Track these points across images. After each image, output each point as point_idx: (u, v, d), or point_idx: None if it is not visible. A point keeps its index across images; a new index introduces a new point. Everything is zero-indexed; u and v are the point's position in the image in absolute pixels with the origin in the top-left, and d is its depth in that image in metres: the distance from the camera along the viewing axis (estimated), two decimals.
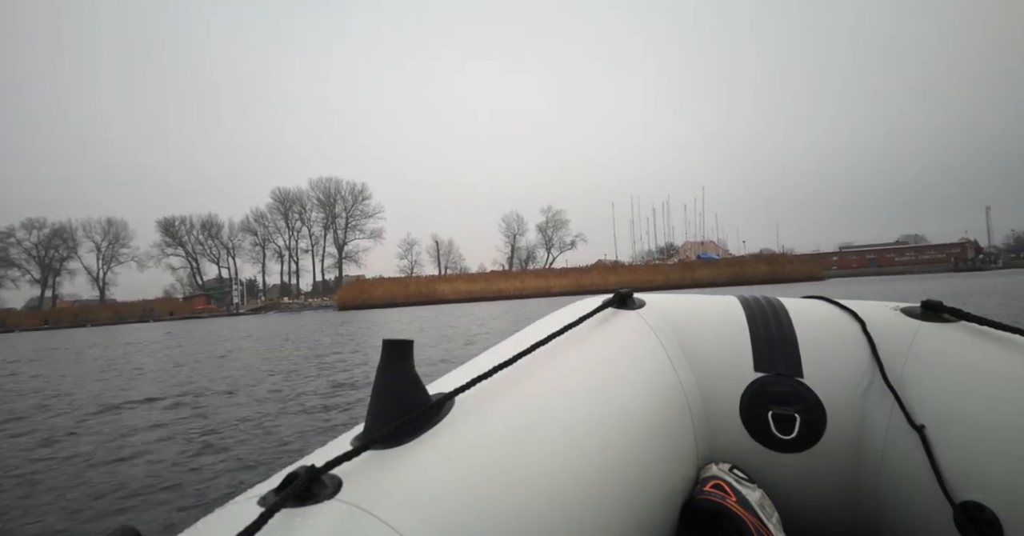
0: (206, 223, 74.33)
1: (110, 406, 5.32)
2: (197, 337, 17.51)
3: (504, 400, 0.69)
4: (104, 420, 4.67)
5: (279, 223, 75.41)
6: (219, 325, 28.70)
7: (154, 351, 12.52)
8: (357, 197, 75.67)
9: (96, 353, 13.10)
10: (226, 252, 75.66)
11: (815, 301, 1.09)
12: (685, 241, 76.25)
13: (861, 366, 0.92)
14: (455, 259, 77.94)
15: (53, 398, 6.15)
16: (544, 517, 0.57)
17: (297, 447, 3.37)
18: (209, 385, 6.22)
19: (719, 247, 73.50)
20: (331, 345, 10.69)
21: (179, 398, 5.51)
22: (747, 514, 0.79)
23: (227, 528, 0.42)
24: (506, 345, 0.90)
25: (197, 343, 14.25)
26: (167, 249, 73.45)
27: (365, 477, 0.51)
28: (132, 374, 8.07)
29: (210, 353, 10.76)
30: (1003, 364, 0.82)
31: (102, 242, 70.40)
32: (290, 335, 14.84)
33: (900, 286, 22.03)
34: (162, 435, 3.92)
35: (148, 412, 4.91)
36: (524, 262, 77.16)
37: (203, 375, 7.25)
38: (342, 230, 75.83)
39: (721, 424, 0.96)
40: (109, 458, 3.39)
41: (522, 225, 78.69)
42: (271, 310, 58.62)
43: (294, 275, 77.73)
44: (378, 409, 0.58)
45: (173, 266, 74.25)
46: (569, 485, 0.62)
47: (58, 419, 4.85)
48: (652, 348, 0.96)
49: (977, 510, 0.73)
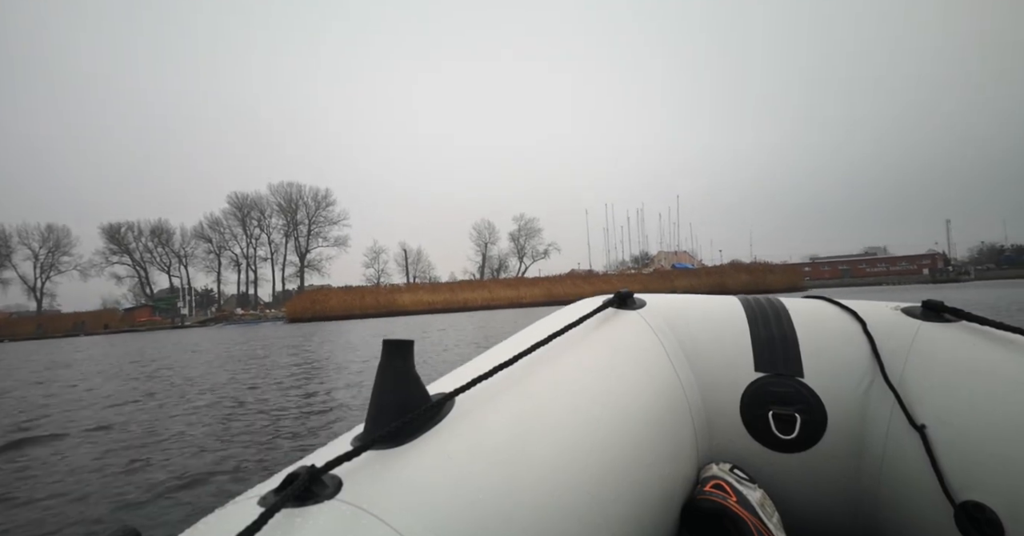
0: (155, 229, 69.10)
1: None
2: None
3: (504, 400, 0.69)
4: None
5: (236, 230, 70.89)
6: (141, 340, 25.14)
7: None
8: (320, 203, 71.70)
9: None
10: (178, 260, 70.77)
11: (816, 301, 1.09)
12: (659, 250, 74.98)
13: (862, 366, 0.93)
14: (424, 268, 74.84)
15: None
16: (545, 517, 0.57)
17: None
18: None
19: (692, 257, 72.34)
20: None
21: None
22: (748, 514, 0.79)
23: (227, 528, 0.42)
24: (506, 345, 0.90)
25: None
26: (111, 257, 68.08)
27: (365, 477, 0.51)
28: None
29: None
30: (1004, 364, 0.82)
31: (40, 249, 64.75)
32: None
33: (898, 297, 19.85)
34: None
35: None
36: (496, 271, 74.46)
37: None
38: (304, 237, 71.70)
39: (721, 424, 0.96)
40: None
41: (494, 233, 76.10)
42: (222, 322, 54.35)
43: (252, 285, 73.38)
44: (378, 409, 0.58)
45: (119, 275, 68.94)
46: (570, 485, 0.62)
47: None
48: (652, 348, 0.97)
49: (978, 510, 0.73)
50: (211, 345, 16.46)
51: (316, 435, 3.64)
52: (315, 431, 3.76)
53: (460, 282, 60.40)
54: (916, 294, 13.88)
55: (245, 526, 0.40)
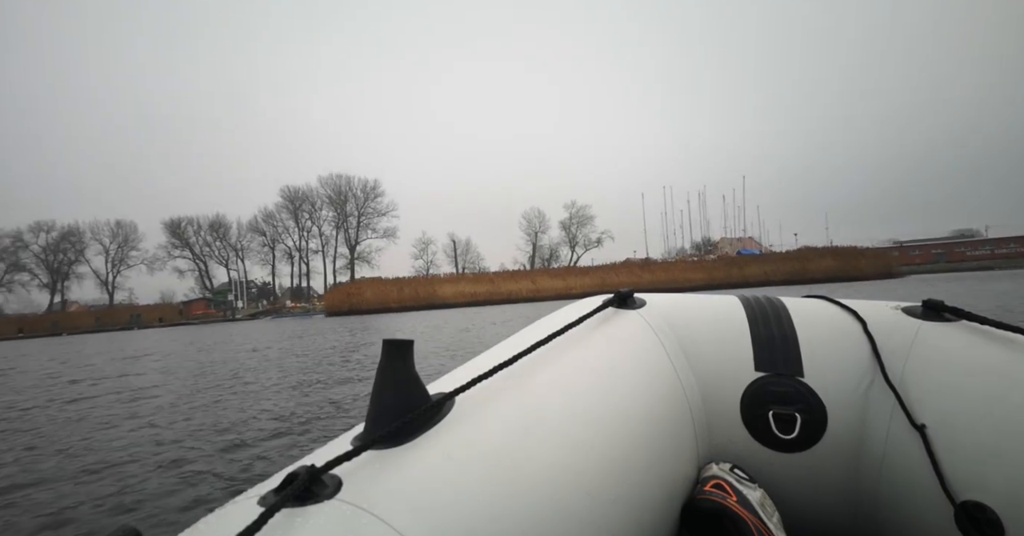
0: (213, 223, 70.65)
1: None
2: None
3: (504, 400, 0.69)
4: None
5: (288, 223, 71.47)
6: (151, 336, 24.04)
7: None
8: (369, 194, 71.05)
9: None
10: (235, 254, 72.17)
11: (816, 300, 1.09)
12: (721, 236, 69.23)
13: (862, 365, 0.93)
14: (473, 259, 72.70)
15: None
16: (545, 517, 0.57)
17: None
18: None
19: (758, 243, 66.21)
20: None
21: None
22: (748, 514, 0.79)
23: (227, 528, 0.41)
24: (506, 345, 0.90)
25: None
26: (173, 251, 70.10)
27: (365, 477, 0.50)
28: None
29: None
30: (1004, 363, 0.82)
31: (111, 245, 67.62)
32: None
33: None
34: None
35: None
36: (546, 261, 71.21)
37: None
38: (354, 229, 71.34)
39: (722, 424, 0.96)
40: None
41: (544, 222, 72.73)
42: (270, 315, 54.35)
43: (305, 277, 73.86)
44: (378, 409, 0.58)
45: (180, 269, 71.05)
46: (569, 485, 0.62)
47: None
48: (653, 348, 0.97)
49: (978, 510, 0.73)
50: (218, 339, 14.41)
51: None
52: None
53: (504, 272, 57.52)
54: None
55: (245, 526, 0.40)
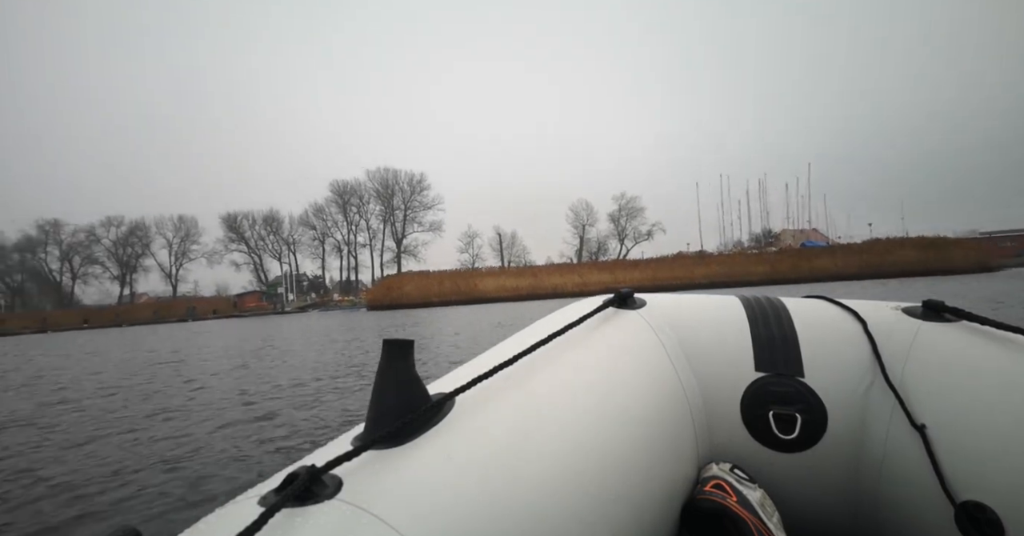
0: (267, 218, 72.37)
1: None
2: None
3: (505, 400, 0.69)
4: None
5: (337, 217, 72.34)
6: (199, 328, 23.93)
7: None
8: (415, 187, 70.75)
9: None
10: (287, 247, 73.90)
11: (816, 301, 1.09)
12: (783, 228, 64.54)
13: (862, 366, 0.93)
14: (519, 252, 71.22)
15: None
16: (545, 517, 0.57)
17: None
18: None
19: (823, 235, 61.17)
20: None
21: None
22: (748, 514, 0.79)
23: (227, 528, 0.41)
24: (507, 345, 0.90)
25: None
26: (230, 245, 72.46)
27: (366, 477, 0.50)
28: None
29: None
30: (1004, 364, 0.82)
31: (173, 239, 70.63)
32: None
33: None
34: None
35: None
36: (594, 255, 68.86)
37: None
38: (400, 223, 71.41)
39: (722, 424, 0.96)
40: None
41: (592, 215, 70.45)
42: (317, 308, 54.94)
43: (353, 271, 74.75)
44: (378, 409, 0.58)
45: (236, 262, 73.42)
46: (570, 485, 0.62)
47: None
48: (653, 348, 0.97)
49: (978, 510, 0.73)
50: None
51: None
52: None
53: (548, 266, 55.68)
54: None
55: (245, 526, 0.40)
